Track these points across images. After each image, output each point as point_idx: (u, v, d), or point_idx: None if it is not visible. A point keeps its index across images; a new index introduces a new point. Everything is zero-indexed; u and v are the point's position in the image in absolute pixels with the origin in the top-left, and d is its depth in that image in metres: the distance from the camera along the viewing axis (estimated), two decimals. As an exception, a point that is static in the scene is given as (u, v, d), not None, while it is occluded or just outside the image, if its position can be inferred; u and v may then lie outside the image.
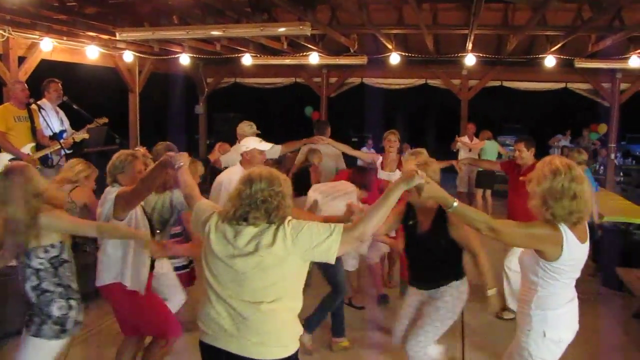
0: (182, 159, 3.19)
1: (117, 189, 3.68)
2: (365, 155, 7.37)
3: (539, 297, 2.99)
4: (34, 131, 6.63)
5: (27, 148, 6.53)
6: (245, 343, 2.55)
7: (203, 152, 13.85)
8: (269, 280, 2.55)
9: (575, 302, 3.05)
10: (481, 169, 10.16)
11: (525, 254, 3.10)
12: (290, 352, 2.62)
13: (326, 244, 2.55)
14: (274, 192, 2.59)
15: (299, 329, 2.71)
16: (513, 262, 5.43)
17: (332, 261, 2.59)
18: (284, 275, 2.57)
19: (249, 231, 2.59)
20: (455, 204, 2.88)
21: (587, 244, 2.96)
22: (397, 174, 6.26)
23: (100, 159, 7.46)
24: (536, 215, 2.95)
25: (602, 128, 13.14)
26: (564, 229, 2.85)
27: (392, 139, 6.43)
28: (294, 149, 7.04)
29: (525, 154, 5.64)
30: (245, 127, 6.15)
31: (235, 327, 2.56)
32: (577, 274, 3.01)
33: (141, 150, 4.71)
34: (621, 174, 14.06)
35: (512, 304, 5.59)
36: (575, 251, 2.88)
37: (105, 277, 3.75)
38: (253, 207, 2.58)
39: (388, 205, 2.66)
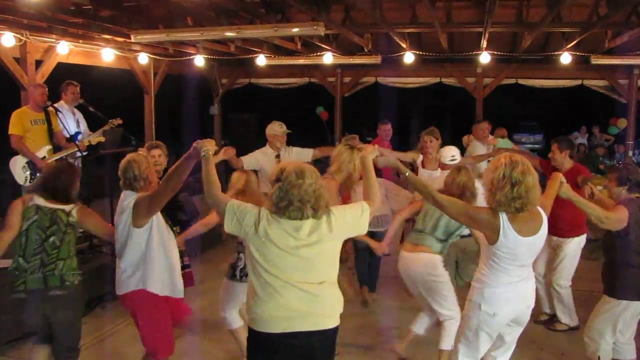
0: (208, 146, 3.18)
1: (135, 196, 3.62)
2: (405, 155, 7.19)
3: (482, 273, 3.45)
4: (51, 134, 6.68)
5: (44, 150, 6.59)
6: (319, 318, 2.91)
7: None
8: (329, 262, 2.96)
9: (516, 285, 3.39)
10: None
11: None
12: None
13: (362, 220, 3.05)
14: (318, 186, 2.89)
15: (343, 298, 3.08)
16: (562, 279, 5.47)
17: (365, 232, 3.12)
18: (334, 256, 3.00)
19: (308, 223, 2.88)
20: (407, 173, 3.56)
21: (531, 239, 3.30)
22: (439, 173, 6.12)
23: (116, 160, 7.52)
24: (488, 204, 3.36)
25: (622, 123, 12.98)
26: (504, 219, 3.25)
27: (427, 140, 6.31)
28: (328, 155, 6.99)
29: (558, 156, 5.33)
30: (276, 127, 6.22)
31: (308, 307, 2.87)
32: (519, 263, 3.36)
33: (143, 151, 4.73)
34: (639, 171, 13.89)
35: (564, 318, 5.59)
36: (510, 241, 3.26)
37: (127, 284, 3.73)
38: (304, 202, 2.84)
39: (371, 174, 3.34)
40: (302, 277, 2.86)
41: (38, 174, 6.49)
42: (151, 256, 3.69)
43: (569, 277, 5.49)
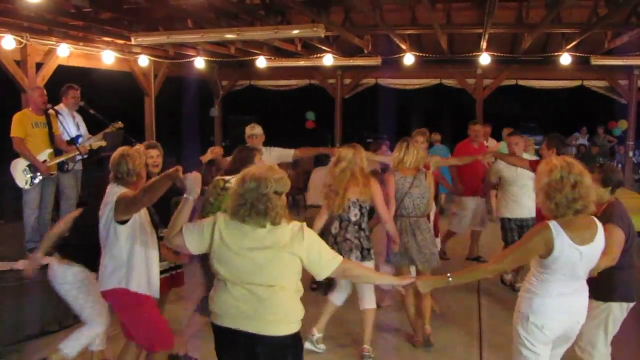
0: (197, 190, 3.19)
1: (119, 191, 3.61)
2: (387, 158, 7.22)
3: (531, 283, 3.23)
4: (52, 137, 6.68)
5: (44, 154, 6.58)
6: (262, 322, 2.86)
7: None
8: (282, 268, 2.89)
9: (569, 298, 3.18)
10: None
11: None
12: (298, 328, 2.98)
13: (322, 265, 2.98)
14: (260, 194, 2.84)
15: (303, 311, 3.01)
16: None
17: (321, 279, 3.07)
18: (290, 266, 2.92)
19: (265, 228, 2.89)
20: (451, 279, 3.26)
21: (587, 248, 3.09)
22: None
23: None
24: (543, 211, 3.17)
25: (623, 124, 12.98)
26: (556, 228, 3.04)
27: (421, 140, 6.17)
28: (309, 156, 7.06)
29: (545, 153, 5.35)
30: (247, 129, 6.24)
31: (253, 309, 2.86)
32: (574, 274, 3.15)
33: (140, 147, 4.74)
34: (639, 171, 13.90)
35: None
36: (566, 251, 3.04)
37: (109, 281, 3.69)
38: (247, 209, 2.85)
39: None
40: (252, 279, 2.86)
41: (38, 177, 6.51)
42: (133, 255, 3.67)
43: None
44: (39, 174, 6.50)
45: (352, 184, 4.76)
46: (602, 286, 3.74)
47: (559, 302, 3.17)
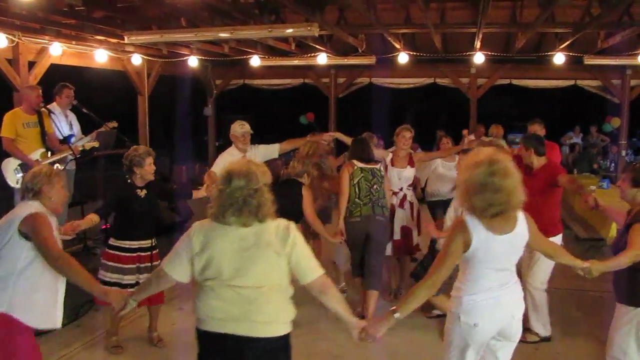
0: (126, 310, 3.14)
1: (32, 211, 3.27)
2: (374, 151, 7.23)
3: (460, 281, 3.14)
4: (44, 136, 6.64)
5: (37, 154, 6.54)
6: (252, 324, 2.76)
7: (212, 153, 13.87)
8: (269, 267, 2.80)
9: (497, 291, 3.06)
10: None
11: None
12: (288, 329, 2.87)
13: (309, 272, 2.86)
14: (252, 190, 2.78)
15: (294, 312, 2.92)
16: (537, 281, 5.06)
17: (304, 283, 2.88)
18: (281, 265, 2.82)
19: (253, 227, 2.81)
20: (397, 314, 2.97)
21: (507, 237, 2.99)
22: (408, 171, 6.28)
23: (110, 162, 7.51)
24: (461, 204, 3.10)
25: (616, 122, 13.03)
26: (472, 221, 2.96)
27: (407, 136, 6.25)
28: (295, 147, 6.93)
29: (524, 154, 5.11)
30: (237, 127, 5.92)
31: (241, 311, 2.76)
32: (497, 266, 3.05)
33: None
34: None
35: (537, 327, 5.16)
36: (484, 242, 2.95)
37: None
38: (237, 207, 2.76)
39: None
40: (239, 280, 2.76)
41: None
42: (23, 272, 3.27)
43: (545, 279, 5.09)
44: None
45: None
46: (631, 290, 3.58)
47: (488, 296, 3.05)
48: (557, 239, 4.96)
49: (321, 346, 5.08)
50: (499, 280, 3.08)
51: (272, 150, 6.14)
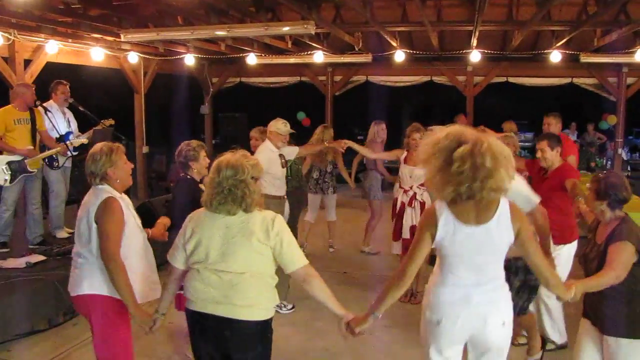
0: (157, 326, 3.21)
1: (104, 197, 3.27)
2: (387, 155, 7.14)
3: (433, 273, 2.94)
4: (34, 133, 6.61)
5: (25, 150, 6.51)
6: (231, 306, 2.87)
7: (209, 151, 13.82)
8: (252, 255, 2.90)
9: (468, 290, 2.76)
10: None
11: None
12: (269, 315, 2.97)
13: (293, 261, 2.94)
14: (237, 181, 2.88)
15: (276, 298, 3.03)
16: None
17: (288, 272, 2.98)
18: (264, 254, 2.92)
19: (238, 216, 2.93)
20: (376, 312, 2.90)
21: (474, 230, 2.69)
22: (420, 169, 6.13)
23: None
24: (427, 183, 2.83)
25: (612, 119, 13.06)
26: (440, 207, 2.72)
27: (417, 138, 6.05)
28: (313, 152, 7.26)
29: (549, 154, 4.83)
30: (280, 125, 5.94)
31: (222, 294, 2.88)
32: (464, 260, 2.76)
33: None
34: (628, 168, 14.01)
35: (553, 335, 4.93)
36: (450, 229, 2.70)
37: (85, 285, 3.31)
38: (223, 196, 2.89)
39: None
40: (223, 265, 2.89)
41: (18, 175, 6.42)
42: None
43: None
44: (19, 172, 6.42)
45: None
46: (631, 320, 3.19)
47: (453, 291, 2.77)
48: (573, 246, 4.77)
49: (318, 344, 5.07)
50: (471, 279, 2.76)
51: (291, 151, 6.24)
